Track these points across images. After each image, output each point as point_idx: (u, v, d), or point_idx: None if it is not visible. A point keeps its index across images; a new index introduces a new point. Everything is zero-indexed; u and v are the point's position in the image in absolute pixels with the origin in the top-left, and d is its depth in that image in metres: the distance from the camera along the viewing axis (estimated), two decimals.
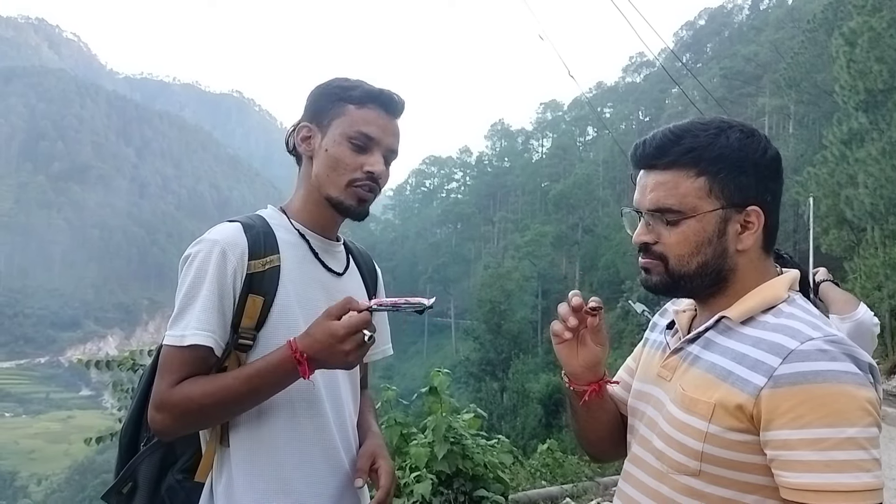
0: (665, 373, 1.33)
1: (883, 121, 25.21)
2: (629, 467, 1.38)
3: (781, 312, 1.22)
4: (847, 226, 30.31)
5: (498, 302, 50.06)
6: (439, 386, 5.08)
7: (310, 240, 1.63)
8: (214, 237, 1.52)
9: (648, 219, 1.28)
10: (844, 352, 1.11)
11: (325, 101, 1.61)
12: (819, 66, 38.95)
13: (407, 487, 4.77)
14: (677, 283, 1.28)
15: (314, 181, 1.61)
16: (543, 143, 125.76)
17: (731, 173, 1.23)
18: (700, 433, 1.18)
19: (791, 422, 1.08)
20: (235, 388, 1.44)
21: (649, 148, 1.27)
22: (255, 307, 1.51)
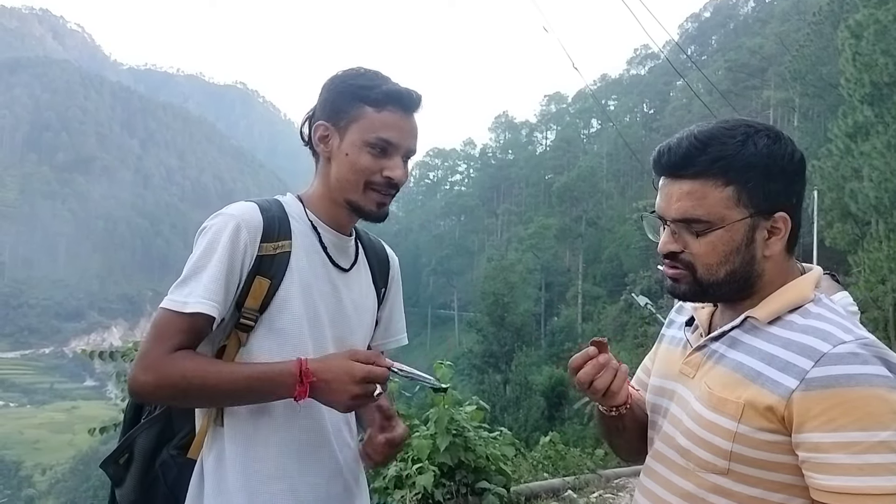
0: (688, 370, 1.33)
1: (888, 114, 25.11)
2: (652, 463, 1.38)
3: (809, 313, 1.21)
4: (851, 219, 30.24)
5: (501, 294, 50.06)
6: (442, 378, 5.09)
7: (321, 232, 1.64)
8: (232, 212, 1.52)
9: (675, 228, 1.27)
10: (876, 355, 1.11)
11: (342, 101, 1.58)
12: (824, 59, 38.78)
13: (409, 479, 4.79)
14: (706, 290, 1.28)
15: (334, 183, 1.60)
16: (547, 135, 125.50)
17: (760, 181, 1.21)
18: (729, 433, 1.18)
19: (823, 425, 1.08)
20: (229, 381, 1.44)
21: (675, 157, 1.24)
22: (261, 289, 1.51)
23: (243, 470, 1.50)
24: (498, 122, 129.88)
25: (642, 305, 23.19)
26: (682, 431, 1.29)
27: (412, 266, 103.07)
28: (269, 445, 1.52)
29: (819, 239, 30.05)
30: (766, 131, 1.24)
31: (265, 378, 1.45)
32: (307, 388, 1.44)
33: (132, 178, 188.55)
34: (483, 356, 46.73)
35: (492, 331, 48.21)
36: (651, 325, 35.73)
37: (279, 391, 1.45)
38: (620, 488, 7.00)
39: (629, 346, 38.93)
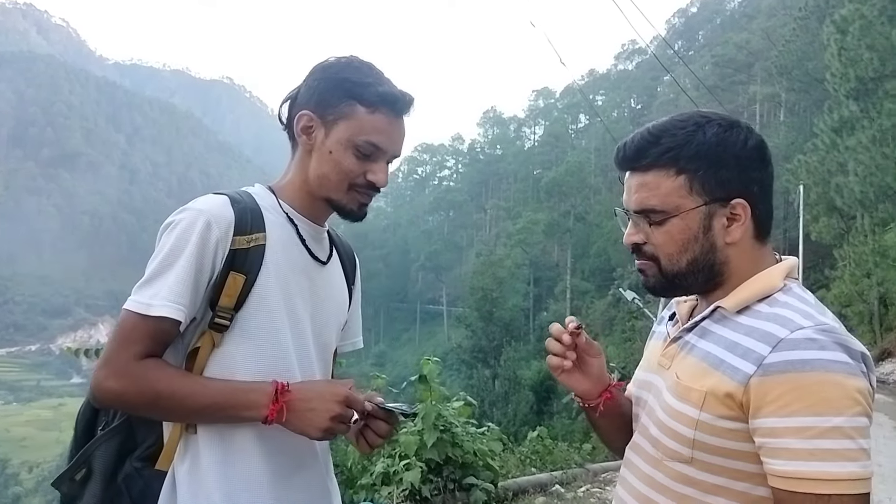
0: (665, 361, 1.34)
1: (873, 109, 25.26)
2: (629, 454, 1.40)
3: (776, 301, 1.22)
4: (837, 213, 30.46)
5: (490, 289, 50.17)
6: (429, 374, 5.09)
7: (298, 224, 1.56)
8: (200, 207, 1.42)
9: (636, 219, 1.30)
10: (836, 341, 1.11)
11: (332, 93, 1.50)
12: (810, 54, 38.99)
13: (396, 475, 4.79)
14: (672, 282, 1.29)
15: (314, 179, 1.53)
16: (536, 130, 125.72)
17: (711, 169, 1.23)
18: (692, 421, 1.19)
19: (778, 410, 1.09)
20: (199, 396, 1.37)
21: (629, 150, 1.29)
22: (236, 286, 1.42)
23: (223, 477, 1.42)
24: (486, 117, 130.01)
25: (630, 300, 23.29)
26: (654, 422, 1.31)
27: (401, 262, 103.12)
28: (250, 451, 1.45)
29: (805, 233, 30.24)
30: (719, 121, 1.26)
31: (237, 395, 1.38)
32: (279, 408, 1.37)
33: (118, 173, 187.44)
34: (472, 351, 46.81)
35: (480, 326, 48.30)
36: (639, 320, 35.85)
37: (250, 411, 1.38)
38: (608, 482, 7.02)
39: (617, 341, 39.08)
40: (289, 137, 1.58)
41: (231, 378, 1.41)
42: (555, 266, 72.01)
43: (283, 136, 1.64)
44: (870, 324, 28.58)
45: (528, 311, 62.93)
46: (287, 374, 1.45)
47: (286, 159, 1.63)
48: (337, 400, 1.41)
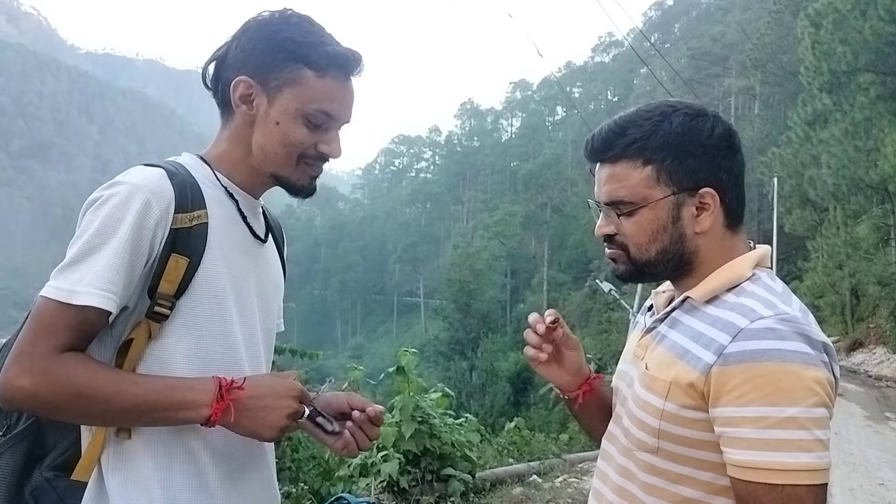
0: (639, 352, 1.35)
1: (846, 102, 25.58)
2: (605, 444, 1.41)
3: (743, 291, 1.21)
4: (810, 206, 30.85)
5: (467, 281, 50.27)
6: (407, 366, 5.09)
7: (238, 199, 1.39)
8: (136, 181, 1.23)
9: (606, 211, 1.30)
10: (796, 330, 1.10)
11: (274, 56, 1.31)
12: (785, 48, 39.36)
13: (374, 467, 4.78)
14: (641, 270, 1.30)
15: (258, 153, 1.36)
16: (513, 122, 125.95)
17: (678, 158, 1.23)
18: (657, 410, 1.20)
19: (735, 399, 1.09)
20: (127, 395, 1.18)
21: (597, 142, 1.29)
22: (178, 270, 1.24)
23: (166, 488, 1.25)
24: (463, 108, 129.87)
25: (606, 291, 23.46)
26: (626, 412, 1.32)
27: (378, 254, 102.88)
28: (197, 455, 1.28)
29: (779, 225, 30.59)
30: (685, 110, 1.26)
31: (172, 393, 1.20)
32: (225, 407, 1.21)
33: (91, 164, 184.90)
34: (449, 343, 46.92)
35: (458, 318, 48.41)
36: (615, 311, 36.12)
37: (188, 412, 1.21)
38: (585, 472, 7.07)
39: (594, 332, 39.37)
40: (218, 104, 1.40)
41: (170, 375, 1.24)
42: (532, 258, 72.26)
43: None
44: (842, 314, 29.02)
45: (506, 302, 63.15)
46: (235, 369, 1.30)
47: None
48: (292, 395, 1.28)
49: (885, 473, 8.21)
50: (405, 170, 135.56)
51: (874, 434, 11.36)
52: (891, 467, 8.61)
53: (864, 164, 24.10)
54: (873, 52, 24.56)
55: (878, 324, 25.85)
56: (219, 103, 1.39)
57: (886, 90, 24.58)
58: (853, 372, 22.20)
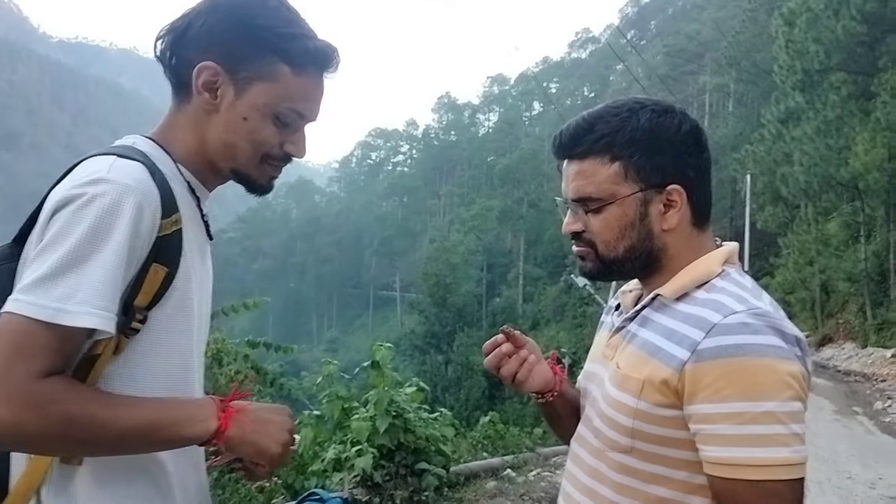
0: (609, 352, 1.34)
1: (818, 100, 25.92)
2: (574, 446, 1.38)
3: (713, 287, 1.21)
4: (782, 202, 31.26)
5: (443, 275, 50.32)
6: (382, 360, 5.07)
7: (199, 195, 1.29)
8: (125, 180, 1.08)
9: (573, 208, 1.29)
10: (769, 324, 1.10)
11: (247, 45, 1.19)
12: (759, 46, 39.78)
13: (348, 461, 4.77)
14: (609, 267, 1.29)
15: (217, 146, 1.24)
16: (490, 117, 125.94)
17: (645, 155, 1.22)
18: (630, 410, 1.18)
19: (711, 395, 1.08)
20: (127, 418, 1.05)
21: (565, 138, 1.28)
22: (156, 280, 1.12)
23: None
24: (440, 102, 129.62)
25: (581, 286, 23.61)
26: (597, 413, 1.29)
27: (354, 247, 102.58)
28: (160, 481, 1.18)
29: (751, 221, 30.94)
30: (652, 106, 1.25)
31: (176, 411, 1.11)
32: (230, 416, 1.13)
33: (63, 154, 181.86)
34: (425, 337, 46.96)
35: (434, 312, 48.46)
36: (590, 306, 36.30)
37: (195, 426, 1.11)
38: (558, 466, 7.11)
39: (569, 326, 39.58)
40: (172, 82, 1.25)
41: (134, 391, 1.12)
42: (508, 252, 72.46)
43: None
44: (812, 310, 29.44)
45: (482, 297, 63.24)
46: (186, 383, 1.21)
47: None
48: (286, 413, 1.23)
49: (852, 467, 8.34)
50: (382, 163, 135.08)
51: (842, 428, 11.54)
52: (858, 461, 8.76)
53: (836, 162, 24.45)
54: (845, 51, 24.91)
55: (846, 319, 26.27)
56: (171, 81, 1.24)
57: (858, 89, 24.95)
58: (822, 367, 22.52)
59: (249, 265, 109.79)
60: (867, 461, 8.79)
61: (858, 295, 25.04)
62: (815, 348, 26.48)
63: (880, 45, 23.86)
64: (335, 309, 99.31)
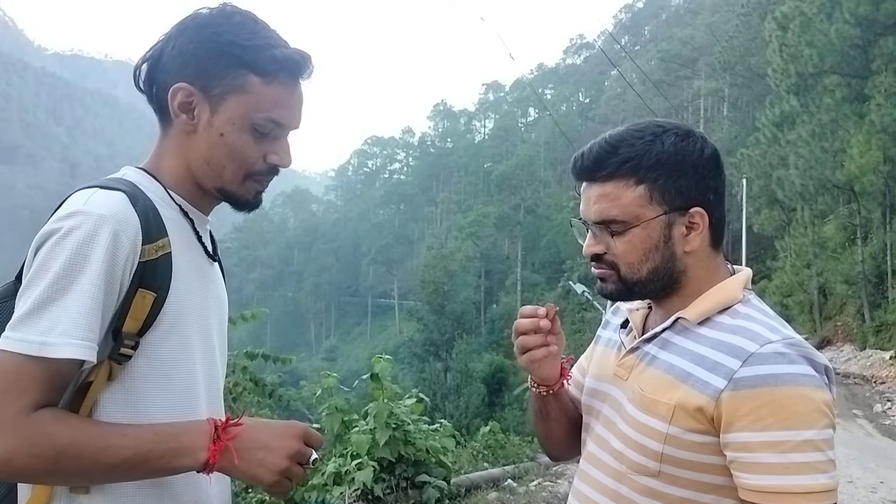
0: (622, 372, 1.33)
1: (813, 104, 26.00)
2: (586, 467, 1.38)
3: (738, 313, 1.22)
4: (778, 206, 31.31)
5: (441, 283, 50.20)
6: (381, 372, 5.06)
7: (193, 219, 1.29)
8: (100, 210, 1.10)
9: (595, 230, 1.29)
10: (801, 354, 1.13)
11: (216, 61, 1.20)
12: (753, 50, 39.92)
13: (348, 475, 4.75)
14: (631, 289, 1.29)
15: (201, 166, 1.25)
16: (486, 123, 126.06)
17: (671, 178, 1.23)
18: (660, 434, 1.19)
19: (751, 424, 1.10)
20: (117, 448, 1.06)
21: (588, 161, 1.27)
22: (144, 306, 1.13)
23: None
24: (436, 110, 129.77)
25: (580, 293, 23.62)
26: (616, 434, 1.29)
27: (351, 255, 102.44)
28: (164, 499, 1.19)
29: (748, 225, 30.98)
30: (675, 130, 1.26)
31: (166, 440, 1.10)
32: (223, 448, 1.12)
33: (59, 167, 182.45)
34: (424, 344, 46.80)
35: (432, 319, 48.31)
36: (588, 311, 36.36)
37: (185, 457, 1.11)
38: (559, 475, 7.09)
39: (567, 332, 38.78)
40: (155, 109, 1.27)
41: (133, 418, 1.13)
42: (505, 259, 72.46)
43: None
44: (809, 313, 29.45)
45: (480, 303, 63.19)
46: (190, 406, 1.21)
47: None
48: (295, 435, 1.19)
49: (853, 471, 8.35)
50: (378, 171, 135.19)
51: (842, 432, 11.54)
52: (859, 464, 8.76)
53: (831, 165, 24.52)
54: (839, 54, 25.01)
55: (845, 321, 26.30)
56: (155, 109, 1.27)
57: (852, 92, 25.03)
58: None
59: (247, 275, 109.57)
60: (868, 465, 8.80)
61: (856, 297, 25.06)
62: None
63: (873, 48, 23.95)
64: (333, 318, 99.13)
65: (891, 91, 22.33)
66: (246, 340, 42.94)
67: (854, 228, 26.30)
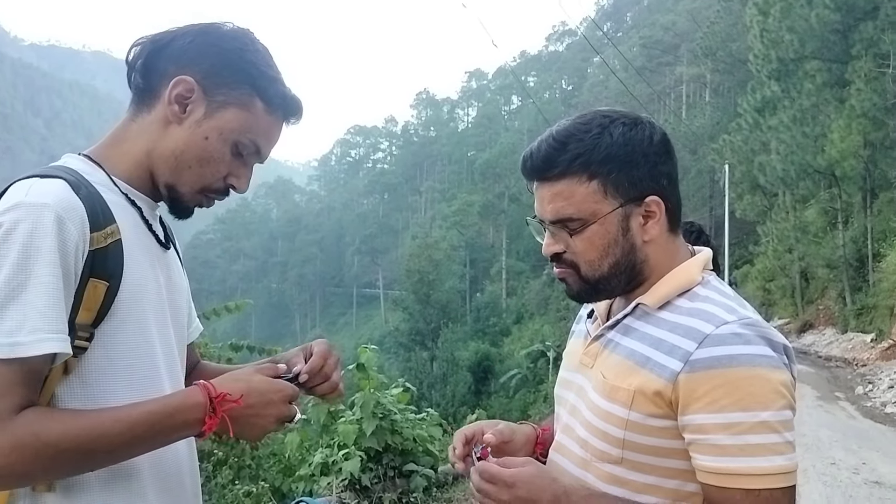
0: (587, 360, 1.32)
1: (794, 89, 26.13)
2: (554, 455, 1.36)
3: (696, 296, 1.22)
4: (760, 191, 31.52)
5: (426, 272, 50.27)
6: (367, 362, 5.05)
7: (141, 206, 1.26)
8: (43, 199, 1.06)
9: (552, 229, 1.27)
10: (759, 334, 1.11)
11: (230, 72, 1.23)
12: (734, 36, 40.04)
13: (335, 465, 4.75)
14: (595, 287, 1.27)
15: (166, 158, 1.24)
16: (469, 112, 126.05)
17: (623, 170, 1.21)
18: (621, 420, 1.18)
19: (707, 406, 1.09)
20: (112, 435, 1.05)
21: (537, 161, 1.25)
22: (97, 296, 1.10)
23: None
24: (419, 99, 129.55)
25: None
26: (581, 422, 1.28)
27: (336, 245, 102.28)
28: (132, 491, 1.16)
29: (730, 210, 31.20)
30: (622, 119, 1.24)
31: (162, 415, 1.10)
32: (218, 420, 1.13)
33: (37, 159, 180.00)
34: (410, 334, 46.94)
35: (418, 308, 48.41)
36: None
37: (180, 431, 1.13)
38: None
39: (552, 320, 39.71)
40: (137, 90, 1.26)
41: (92, 409, 1.10)
42: (490, 247, 72.58)
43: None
44: (792, 297, 29.76)
45: (465, 292, 63.34)
46: (155, 391, 1.19)
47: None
48: (284, 399, 1.21)
49: (836, 453, 8.44)
50: (362, 161, 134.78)
51: (825, 414, 11.68)
52: (842, 446, 8.86)
53: (812, 150, 24.69)
54: (819, 39, 25.15)
55: (826, 305, 26.59)
56: (138, 88, 1.25)
57: (832, 77, 25.19)
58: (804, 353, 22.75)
59: (230, 266, 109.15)
60: (850, 446, 8.89)
61: (837, 281, 25.31)
62: (797, 335, 26.75)
63: (853, 33, 24.10)
64: (318, 308, 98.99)
65: (870, 76, 22.49)
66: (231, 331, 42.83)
67: (835, 213, 26.52)
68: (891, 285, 19.72)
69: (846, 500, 6.66)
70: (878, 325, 20.67)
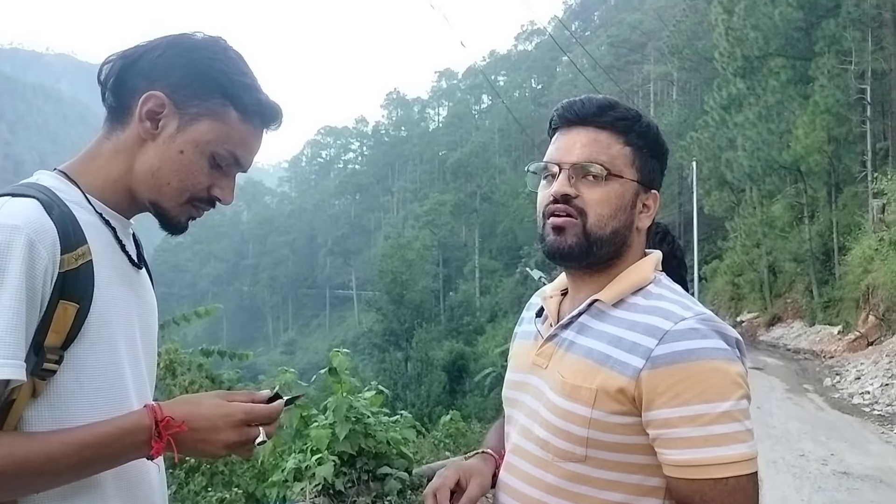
0: (541, 360, 1.33)
1: (759, 86, 26.51)
2: (511, 458, 1.36)
3: (651, 294, 1.25)
4: (727, 187, 31.95)
5: (399, 272, 50.09)
6: (339, 366, 5.01)
7: (115, 226, 1.24)
8: (13, 221, 1.04)
9: (573, 173, 1.27)
10: (713, 329, 1.16)
11: (201, 84, 1.21)
12: (700, 34, 40.52)
13: (308, 470, 4.70)
14: (590, 245, 1.26)
15: (144, 176, 1.23)
16: (440, 111, 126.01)
17: (650, 154, 1.30)
18: (584, 419, 1.19)
19: (670, 400, 1.12)
20: (59, 458, 1.04)
21: (588, 106, 1.30)
22: (67, 318, 1.08)
23: None
24: (390, 98, 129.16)
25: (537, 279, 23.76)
26: (540, 423, 1.28)
27: (308, 247, 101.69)
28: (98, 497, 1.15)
29: (699, 207, 31.55)
30: (651, 119, 1.36)
31: (108, 439, 1.08)
32: (164, 444, 1.12)
33: (2, 164, 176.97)
34: (383, 335, 46.72)
35: (391, 309, 48.22)
36: None
37: (128, 454, 1.11)
38: None
39: None
40: (110, 108, 1.24)
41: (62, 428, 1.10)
42: (463, 246, 72.72)
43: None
44: (760, 291, 30.19)
45: (439, 292, 63.33)
46: (124, 411, 1.17)
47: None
48: (233, 425, 1.16)
49: (805, 444, 8.58)
50: (332, 161, 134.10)
51: (794, 406, 11.86)
52: (810, 438, 9.01)
53: (777, 146, 25.08)
54: (783, 37, 25.56)
55: (794, 299, 27.02)
56: (111, 107, 1.24)
57: (796, 74, 25.61)
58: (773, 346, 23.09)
59: (200, 270, 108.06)
60: (819, 438, 9.05)
61: (804, 274, 25.75)
62: (766, 328, 27.14)
63: (816, 31, 24.53)
64: (291, 310, 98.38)
65: (833, 72, 22.91)
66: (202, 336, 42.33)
67: (801, 207, 26.97)
68: (856, 278, 20.11)
69: (815, 490, 6.77)
70: (844, 318, 21.06)
